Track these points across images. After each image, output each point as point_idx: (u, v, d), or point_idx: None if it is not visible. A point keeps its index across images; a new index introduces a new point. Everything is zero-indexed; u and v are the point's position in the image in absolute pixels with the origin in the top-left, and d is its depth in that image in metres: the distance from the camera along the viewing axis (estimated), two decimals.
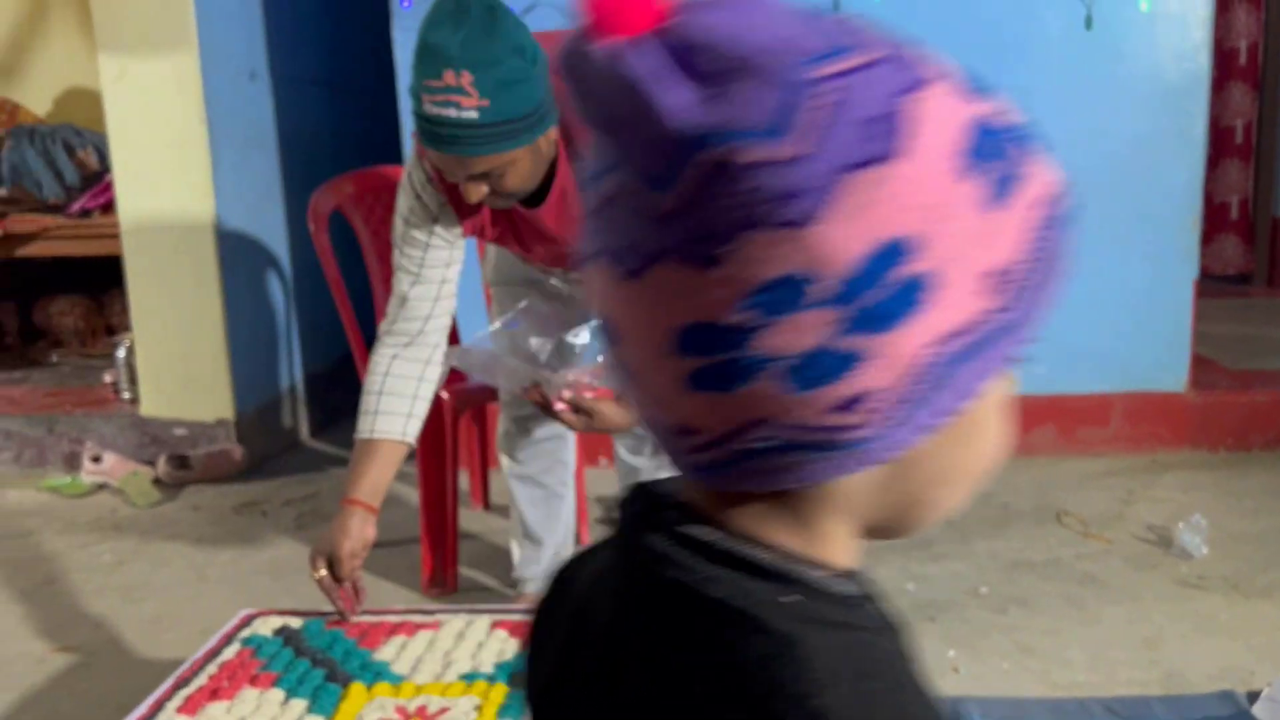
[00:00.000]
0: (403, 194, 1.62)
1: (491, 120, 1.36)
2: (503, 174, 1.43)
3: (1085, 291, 2.83)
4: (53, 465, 3.17)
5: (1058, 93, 2.82)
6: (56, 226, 3.61)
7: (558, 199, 1.57)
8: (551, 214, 1.59)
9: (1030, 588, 2.18)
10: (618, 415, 1.69)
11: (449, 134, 1.37)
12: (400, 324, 1.66)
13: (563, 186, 1.57)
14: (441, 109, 1.35)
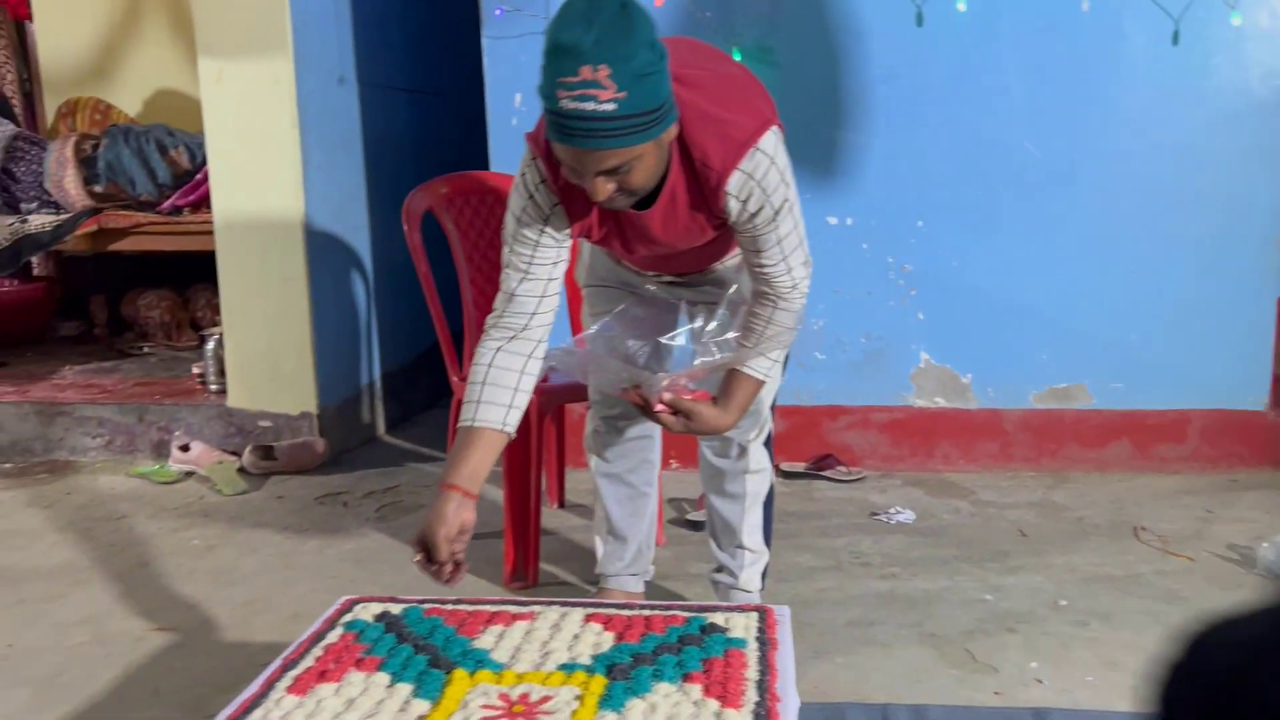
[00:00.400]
0: (515, 193, 1.66)
1: (627, 113, 1.39)
2: (631, 169, 1.46)
3: (1165, 307, 2.83)
4: (142, 452, 3.28)
5: (1144, 107, 2.80)
6: (148, 223, 3.74)
7: (667, 202, 1.61)
8: (659, 217, 1.63)
9: (1111, 602, 2.17)
10: (715, 417, 1.73)
11: (585, 128, 1.39)
12: (506, 319, 1.70)
13: (673, 189, 1.60)
14: (579, 103, 1.37)
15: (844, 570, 2.38)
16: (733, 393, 1.75)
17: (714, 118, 1.55)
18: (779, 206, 1.60)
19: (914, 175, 2.90)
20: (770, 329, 1.73)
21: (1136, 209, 2.85)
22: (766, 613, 1.64)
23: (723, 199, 1.59)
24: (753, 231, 1.63)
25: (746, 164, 1.56)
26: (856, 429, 3.03)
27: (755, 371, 1.75)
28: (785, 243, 1.65)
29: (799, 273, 1.69)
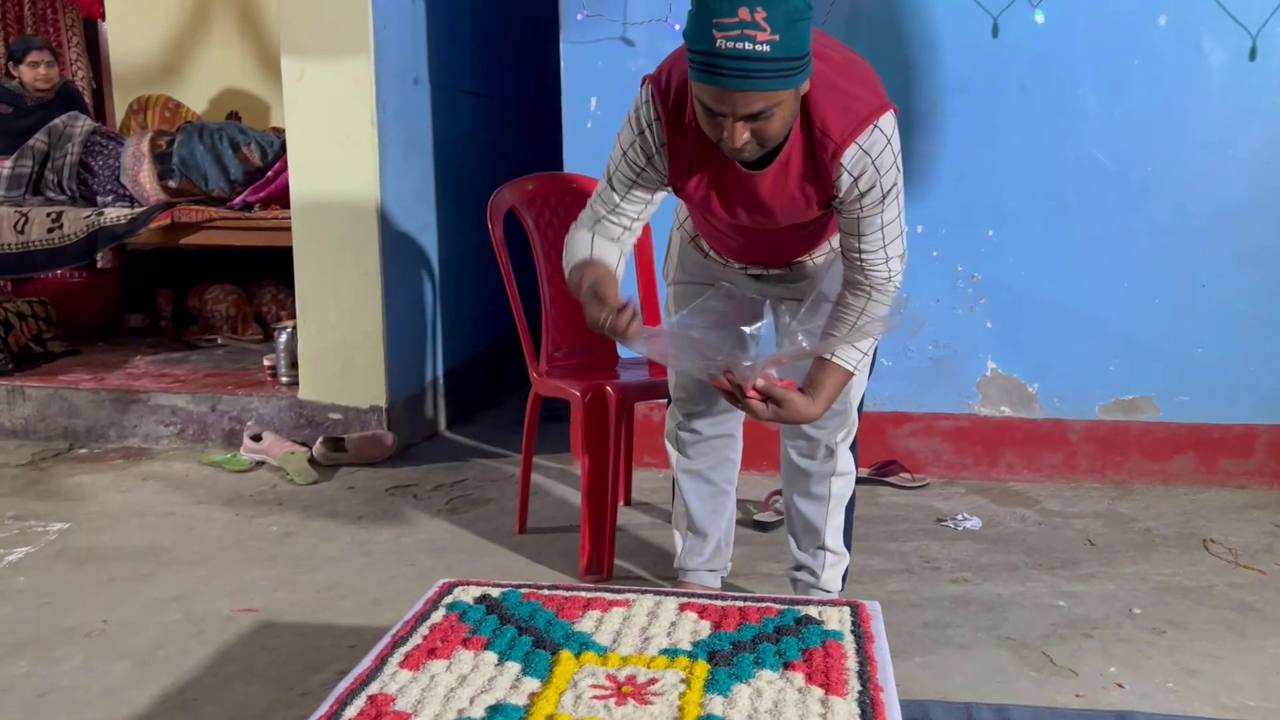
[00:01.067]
0: (627, 128, 1.71)
1: (781, 55, 1.43)
2: (772, 116, 1.49)
3: (1234, 321, 2.84)
4: (214, 441, 3.36)
5: (1218, 122, 2.81)
6: (220, 218, 3.82)
7: (781, 165, 1.63)
8: (769, 179, 1.65)
9: (1186, 612, 2.18)
10: (804, 405, 1.73)
11: (741, 68, 1.43)
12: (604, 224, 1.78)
13: (789, 154, 1.62)
14: (736, 43, 1.41)
15: (915, 574, 2.40)
16: (822, 382, 1.76)
17: (839, 89, 1.59)
18: (888, 189, 1.63)
19: (985, 185, 2.92)
20: (862, 319, 1.74)
21: (1208, 223, 2.86)
22: (859, 607, 1.67)
23: (836, 171, 1.61)
24: (859, 213, 1.65)
25: (865, 139, 1.59)
26: (921, 436, 3.05)
27: (845, 362, 1.75)
28: (888, 230, 1.67)
29: (895, 265, 1.72)
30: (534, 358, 2.54)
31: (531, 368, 2.53)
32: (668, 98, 1.64)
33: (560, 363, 2.58)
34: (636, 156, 1.71)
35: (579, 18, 2.95)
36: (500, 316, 4.00)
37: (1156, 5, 2.78)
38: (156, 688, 1.88)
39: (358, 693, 1.40)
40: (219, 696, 1.86)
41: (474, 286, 3.86)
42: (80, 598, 2.27)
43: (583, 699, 1.37)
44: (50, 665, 1.97)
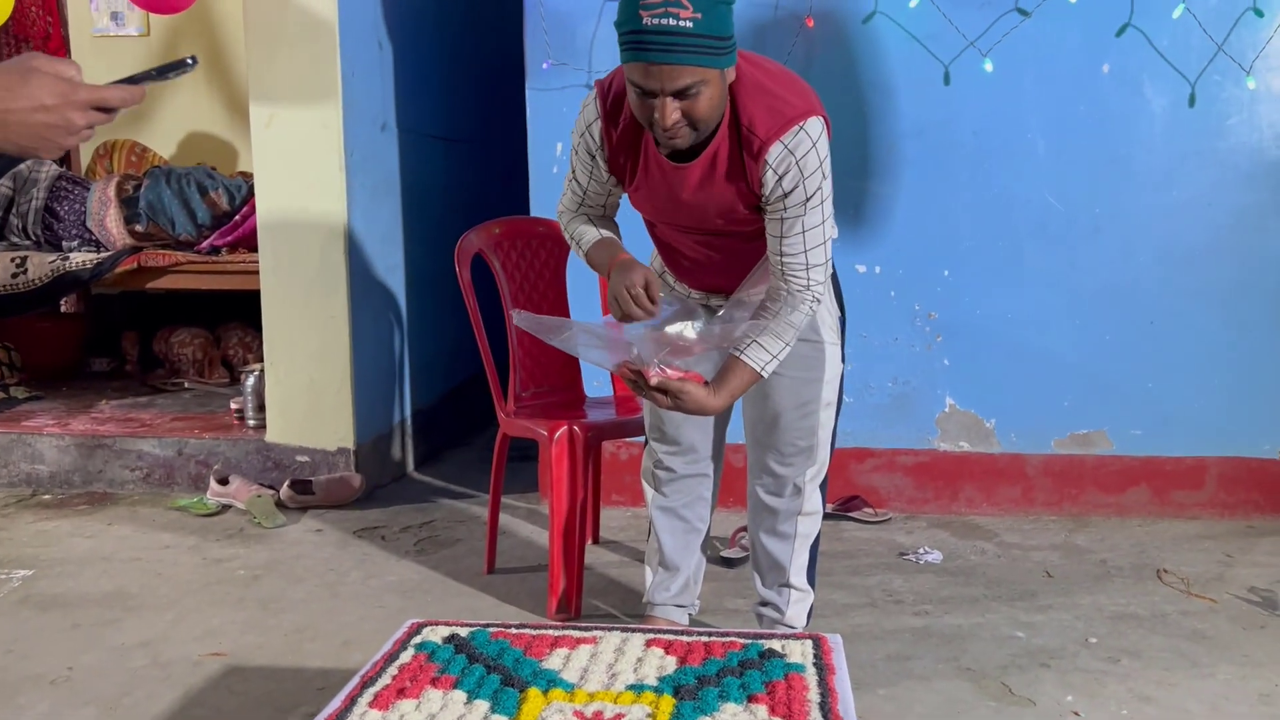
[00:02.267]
0: (574, 130, 1.86)
1: (703, 32, 1.55)
2: (698, 94, 1.59)
3: (1184, 356, 2.93)
4: (180, 486, 3.35)
5: (1162, 165, 2.92)
6: (186, 261, 3.84)
7: (708, 160, 1.72)
8: (697, 174, 1.73)
9: (1140, 640, 2.24)
10: (704, 398, 1.79)
11: (665, 42, 1.54)
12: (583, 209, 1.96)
13: (716, 149, 1.71)
14: (661, 19, 1.53)
15: (878, 607, 2.44)
16: (726, 378, 1.81)
17: (768, 91, 1.69)
18: (811, 193, 1.71)
19: (940, 226, 3.01)
20: (776, 324, 1.80)
21: (1156, 261, 2.96)
22: (821, 640, 1.71)
23: (761, 168, 1.69)
24: (782, 213, 1.73)
25: (789, 139, 1.67)
26: (883, 471, 3.11)
27: (752, 361, 1.81)
28: (809, 235, 1.74)
29: (816, 275, 1.78)
30: (502, 398, 2.57)
31: (499, 408, 2.56)
32: (607, 98, 1.78)
33: (528, 403, 2.62)
34: (585, 155, 1.86)
35: (544, 66, 3.02)
36: (468, 357, 4.03)
37: (1100, 54, 2.89)
38: None
39: None
40: None
41: (442, 327, 3.89)
42: (45, 644, 2.26)
43: None
44: (15, 713, 1.96)
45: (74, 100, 1.03)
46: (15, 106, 1.01)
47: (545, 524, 2.99)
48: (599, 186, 1.90)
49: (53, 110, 1.02)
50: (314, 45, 3.11)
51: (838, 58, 2.96)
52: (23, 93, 1.01)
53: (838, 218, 2.76)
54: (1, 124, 1.01)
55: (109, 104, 1.07)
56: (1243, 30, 2.83)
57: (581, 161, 1.87)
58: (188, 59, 1.18)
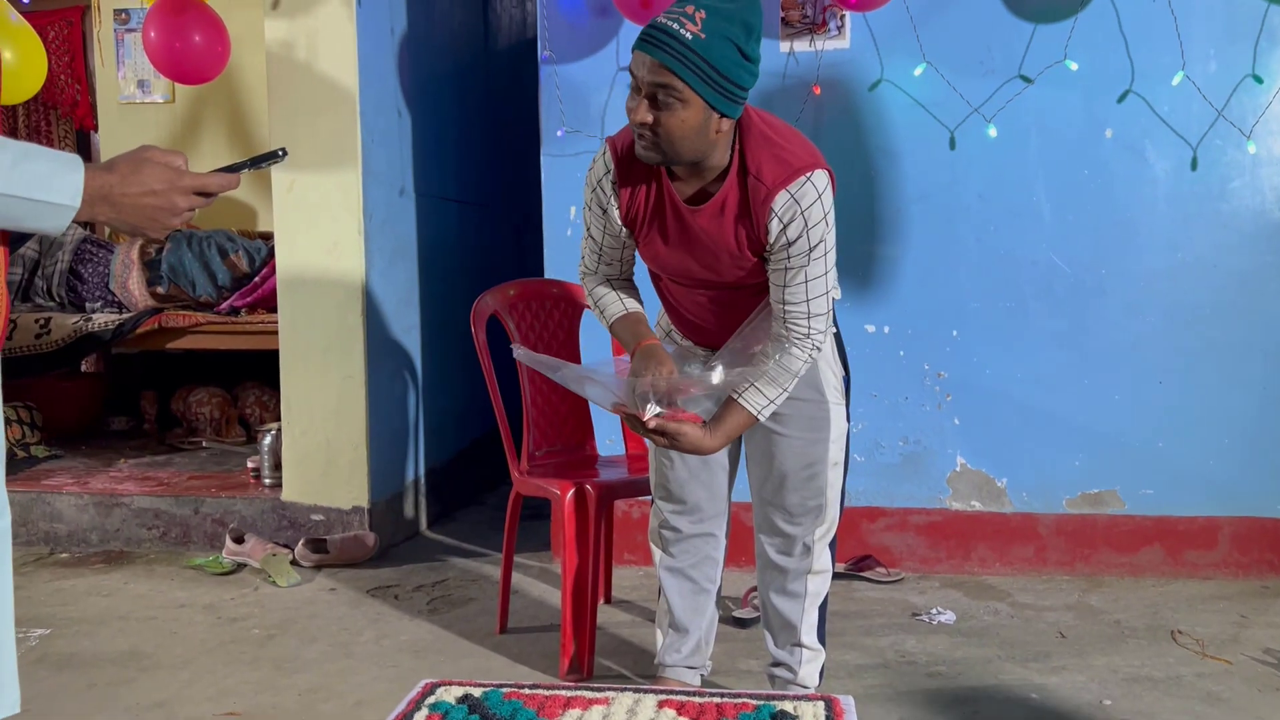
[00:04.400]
0: (585, 187, 1.93)
1: (699, 50, 1.64)
2: (670, 107, 1.66)
3: (1194, 417, 2.95)
4: (196, 544, 3.37)
5: (1166, 228, 2.97)
6: (206, 322, 3.90)
7: (718, 205, 1.78)
8: (707, 215, 1.80)
9: (1155, 703, 2.23)
10: (699, 439, 1.83)
11: (662, 40, 1.65)
12: (604, 269, 2.01)
13: (725, 195, 1.78)
14: (669, 20, 1.66)
15: (891, 669, 2.44)
16: (723, 419, 1.85)
17: (776, 144, 1.77)
18: (815, 243, 1.76)
19: (948, 287, 3.05)
20: (774, 369, 1.83)
21: (1162, 321, 2.99)
22: (833, 702, 1.71)
23: (767, 215, 1.74)
24: (786, 263, 1.78)
25: (795, 188, 1.73)
26: (895, 530, 3.12)
27: (749, 405, 1.84)
28: (812, 285, 1.78)
29: (817, 324, 1.82)
30: (515, 457, 2.60)
31: (513, 467, 2.59)
32: (618, 151, 1.85)
33: (541, 462, 2.64)
34: (598, 210, 1.92)
35: (559, 134, 3.10)
36: (481, 415, 4.08)
37: (1102, 119, 2.96)
38: None
39: None
40: None
41: (456, 387, 3.94)
42: (60, 704, 2.27)
43: None
44: None
45: (179, 186, 1.17)
46: (129, 191, 1.15)
47: (557, 583, 3.00)
48: (613, 240, 1.95)
49: (160, 195, 1.16)
50: (335, 113, 3.21)
51: (845, 124, 3.03)
52: (135, 179, 1.15)
53: (846, 279, 2.83)
54: (116, 206, 1.15)
55: (208, 189, 1.21)
56: (1243, 95, 2.89)
57: (595, 216, 1.93)
58: (279, 151, 1.32)
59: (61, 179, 1.10)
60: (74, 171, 1.11)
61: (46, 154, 1.10)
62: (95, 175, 1.13)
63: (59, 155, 1.11)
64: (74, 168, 1.11)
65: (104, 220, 1.17)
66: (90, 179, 1.12)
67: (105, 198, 1.14)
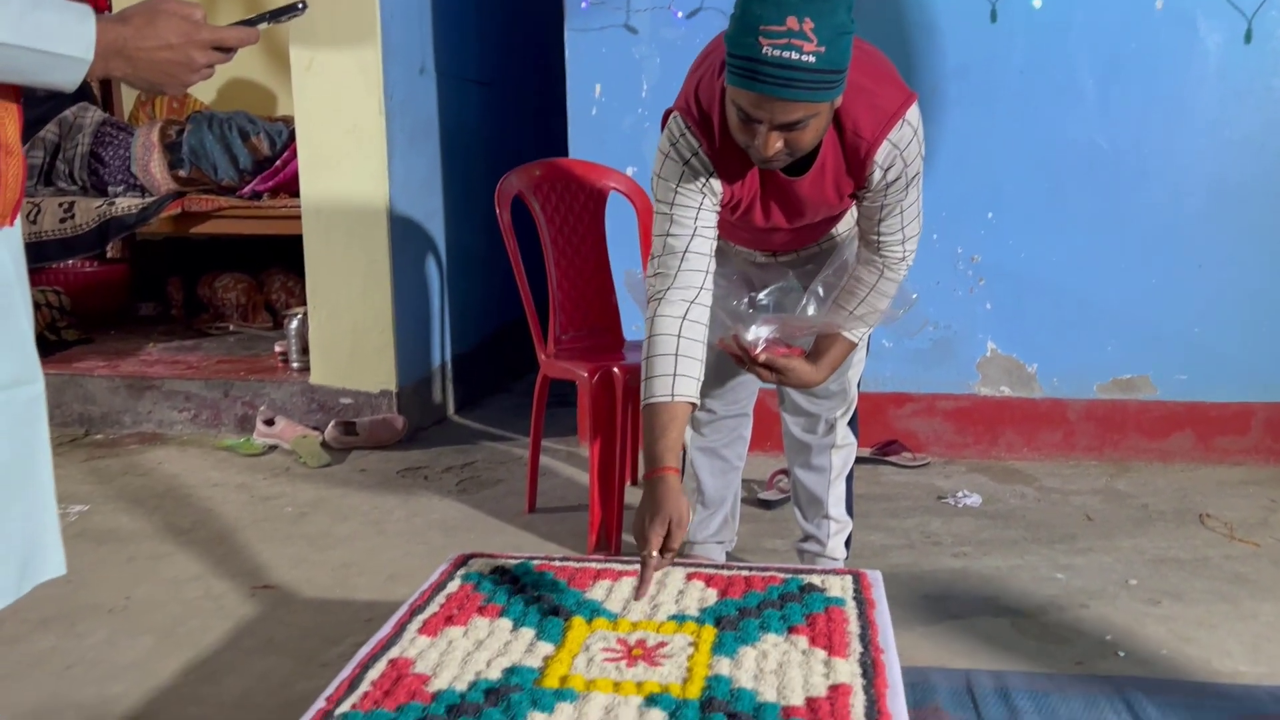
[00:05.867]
0: (668, 162, 1.67)
1: (824, 67, 1.44)
2: (806, 126, 1.50)
3: (1231, 300, 2.88)
4: (226, 427, 3.42)
5: (1214, 104, 2.85)
6: (229, 206, 3.87)
7: (818, 170, 1.67)
8: (808, 183, 1.69)
9: (1181, 583, 2.24)
10: (807, 373, 1.81)
11: (785, 76, 1.43)
12: (681, 281, 1.67)
13: (824, 159, 1.66)
14: (783, 51, 1.41)
15: (916, 549, 2.46)
16: (826, 350, 1.84)
17: (865, 89, 1.60)
18: (913, 178, 1.69)
19: (984, 168, 2.96)
20: (871, 295, 1.80)
21: (1205, 204, 2.90)
22: (860, 576, 1.73)
23: (869, 168, 1.65)
24: (883, 200, 1.70)
25: (895, 135, 1.63)
26: (922, 416, 3.10)
27: (851, 335, 1.83)
28: (906, 213, 1.73)
29: (910, 245, 1.78)
30: (542, 340, 2.59)
31: (540, 350, 2.58)
32: (700, 122, 1.64)
33: (568, 345, 2.63)
34: (691, 191, 1.67)
35: (583, 6, 2.99)
36: (504, 304, 4.06)
37: None
38: (179, 660, 1.94)
39: (378, 657, 1.45)
40: (240, 668, 1.91)
41: (479, 274, 3.91)
42: (102, 576, 2.33)
43: (595, 661, 1.42)
44: (75, 639, 2.03)
45: (196, 40, 1.11)
46: (143, 45, 1.09)
47: (584, 466, 3.02)
48: (710, 216, 1.69)
49: (177, 49, 1.10)
50: None
51: None
52: (150, 32, 1.09)
53: None
54: (131, 60, 1.09)
55: (227, 44, 1.14)
56: None
57: (686, 198, 1.67)
58: (298, 3, 1.24)
59: (72, 30, 1.05)
60: (85, 22, 1.06)
61: (56, 3, 1.06)
62: (108, 27, 1.08)
63: (69, 5, 1.06)
64: (85, 18, 1.06)
65: (119, 76, 1.11)
66: (103, 31, 1.07)
67: (119, 52, 1.09)
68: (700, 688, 1.34)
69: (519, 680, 1.36)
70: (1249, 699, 1.72)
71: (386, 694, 1.34)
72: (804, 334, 1.85)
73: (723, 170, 1.69)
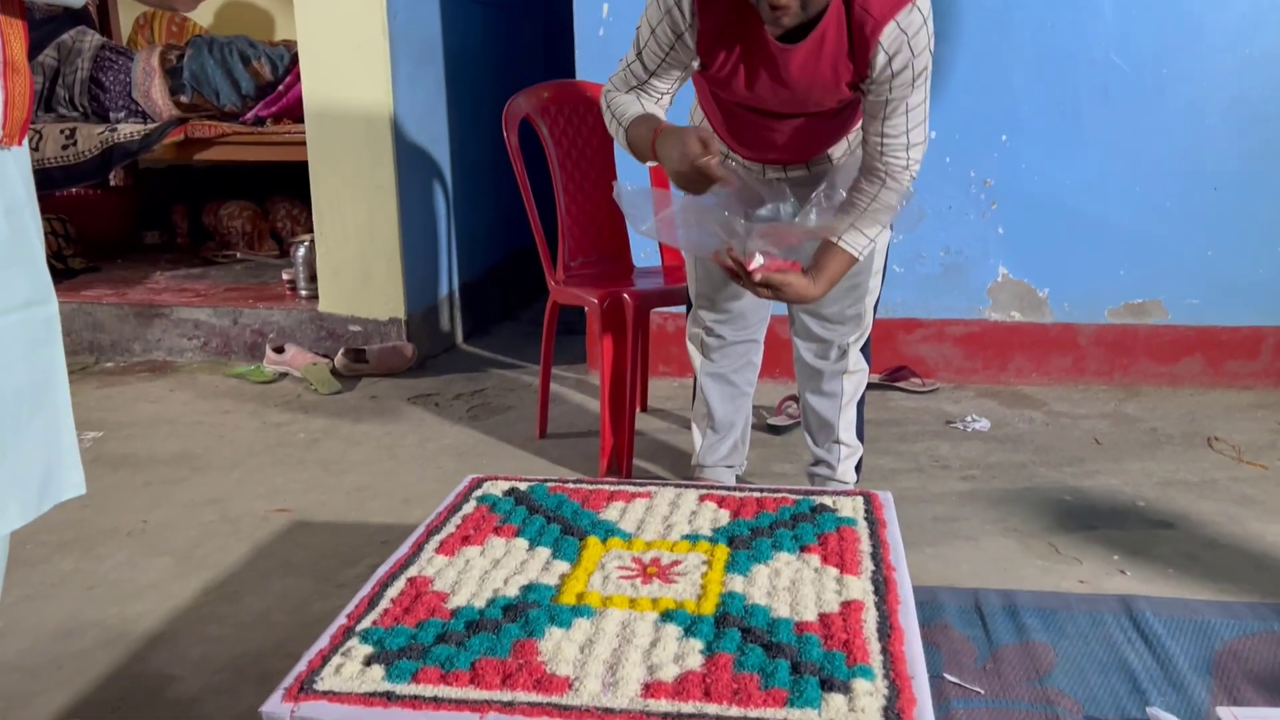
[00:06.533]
0: (653, 5, 1.69)
1: None
2: None
3: (1246, 223, 2.85)
4: (237, 354, 3.42)
5: (1235, 21, 2.79)
6: (232, 133, 3.82)
7: (816, 41, 1.63)
8: (801, 55, 1.65)
9: (1189, 505, 2.25)
10: (804, 288, 1.77)
11: None
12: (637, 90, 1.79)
13: (824, 30, 1.62)
14: None
15: (925, 472, 2.47)
16: (825, 265, 1.79)
17: None
18: (919, 72, 1.64)
19: (999, 89, 2.91)
20: (873, 206, 1.75)
21: (1222, 123, 2.86)
22: (872, 497, 1.74)
23: (873, 49, 1.61)
24: (887, 94, 1.66)
25: (904, 18, 1.58)
26: (931, 342, 3.10)
27: (850, 247, 1.78)
28: (912, 114, 1.69)
29: (915, 154, 1.74)
30: (551, 266, 2.58)
31: (549, 276, 2.57)
32: None
33: (577, 272, 2.62)
34: (665, 34, 1.69)
35: None
36: (512, 233, 4.04)
37: None
38: (198, 581, 1.97)
39: (397, 576, 1.47)
40: (258, 589, 1.95)
41: (486, 201, 3.88)
42: (119, 500, 2.36)
43: (610, 579, 1.44)
44: (95, 561, 2.06)
45: None
46: None
47: (594, 393, 3.03)
48: (671, 72, 1.75)
49: None
50: None
51: None
52: None
53: None
54: None
55: None
56: None
57: (660, 39, 1.70)
58: None
59: None
60: None
61: None
62: None
63: None
64: None
65: None
66: None
67: None
68: (714, 604, 1.36)
69: (536, 597, 1.38)
70: (1253, 616, 1.74)
71: (406, 611, 1.36)
72: (801, 243, 1.79)
73: (705, 22, 1.66)
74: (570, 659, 1.23)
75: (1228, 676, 1.57)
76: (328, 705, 1.15)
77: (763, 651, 1.23)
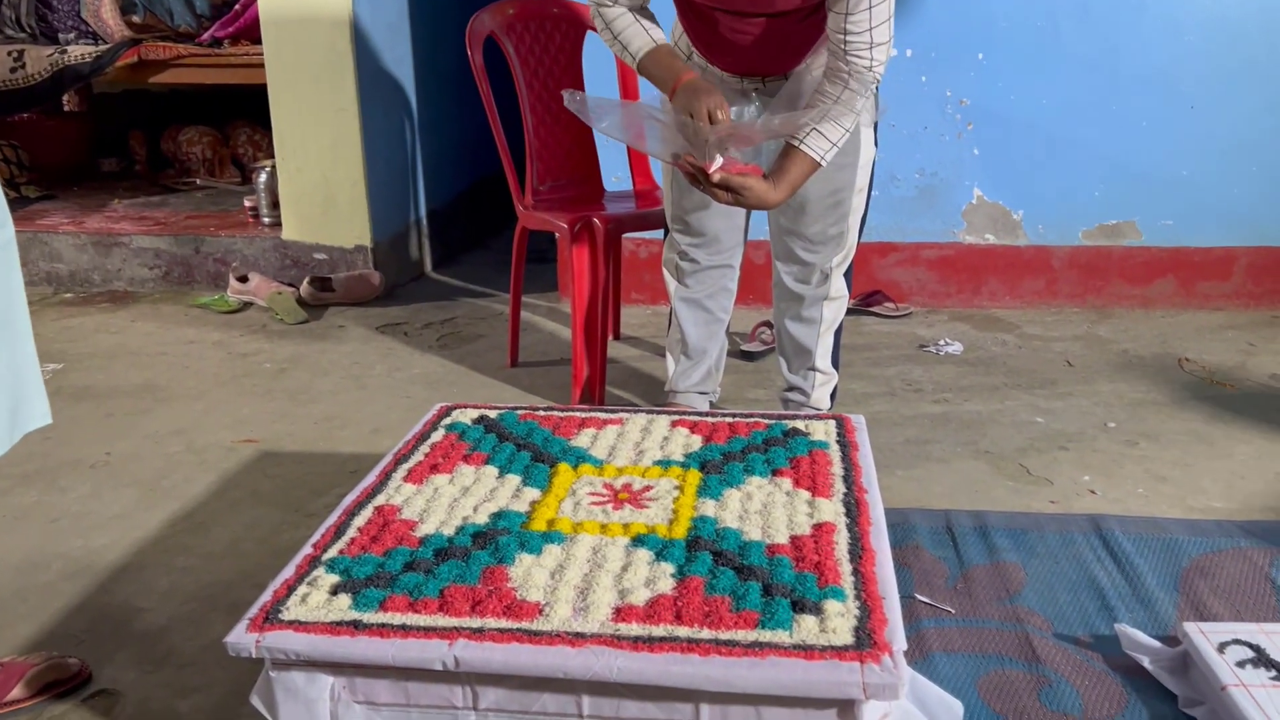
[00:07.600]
0: None
1: None
2: None
3: (1224, 144, 2.83)
4: (199, 284, 3.35)
5: None
6: (188, 54, 3.69)
7: None
8: None
9: (1158, 424, 2.26)
10: (764, 192, 1.74)
11: None
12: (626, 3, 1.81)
13: None
14: None
15: (898, 396, 2.47)
16: (785, 169, 1.76)
17: None
18: None
19: (976, 6, 2.85)
20: (836, 108, 1.73)
21: (1201, 41, 2.81)
22: (844, 420, 1.73)
23: None
24: None
25: None
26: (905, 266, 3.08)
27: (812, 150, 1.75)
28: (875, 11, 1.66)
29: (879, 53, 1.70)
30: (519, 190, 2.52)
31: (517, 201, 2.51)
32: None
33: (546, 196, 2.56)
34: None
35: None
36: (480, 158, 3.95)
37: None
38: (165, 512, 1.94)
39: (364, 505, 1.45)
40: (226, 519, 1.92)
41: (453, 125, 3.78)
42: (81, 432, 2.32)
43: (581, 505, 1.43)
44: (59, 494, 2.03)
45: None
46: None
47: (566, 321, 3.00)
48: None
49: None
50: None
51: None
52: None
53: None
54: None
55: None
56: None
57: None
58: None
59: None
60: None
61: None
62: None
63: None
64: None
65: None
66: None
67: None
68: (686, 528, 1.35)
69: (506, 524, 1.37)
70: (1220, 532, 1.76)
71: (374, 539, 1.34)
72: (762, 143, 1.76)
73: None
74: (541, 585, 1.21)
75: (1194, 593, 1.58)
76: (293, 635, 1.14)
77: (734, 574, 1.23)
